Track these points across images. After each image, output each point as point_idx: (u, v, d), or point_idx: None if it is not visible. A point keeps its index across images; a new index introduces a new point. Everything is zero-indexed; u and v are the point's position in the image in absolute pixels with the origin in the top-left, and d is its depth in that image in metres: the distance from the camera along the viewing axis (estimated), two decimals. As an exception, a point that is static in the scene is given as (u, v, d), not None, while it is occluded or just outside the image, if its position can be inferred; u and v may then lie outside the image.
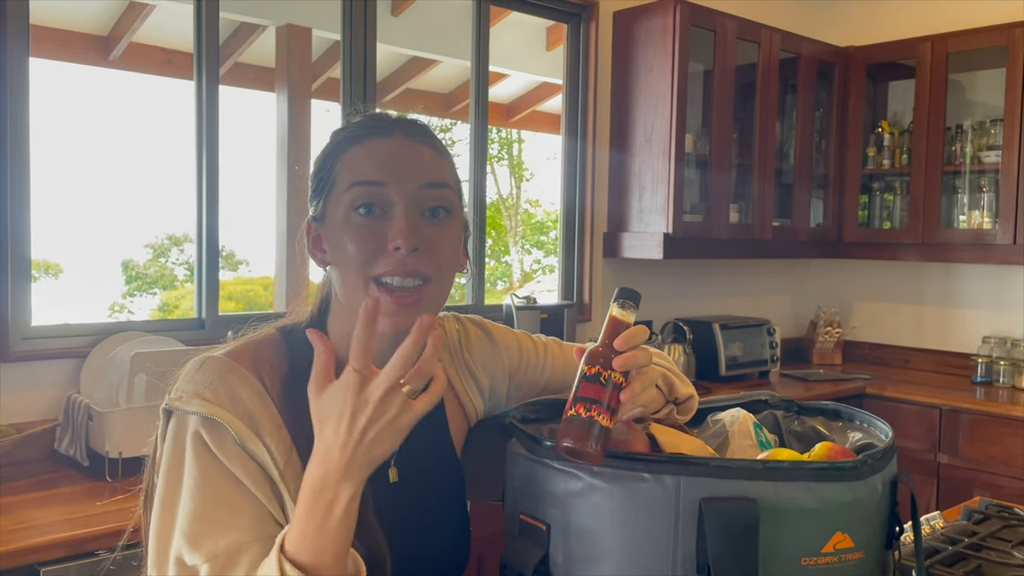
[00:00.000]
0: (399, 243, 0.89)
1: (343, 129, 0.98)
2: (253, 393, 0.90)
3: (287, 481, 0.88)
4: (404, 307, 0.90)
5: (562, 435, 0.86)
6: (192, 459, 0.86)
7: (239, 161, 2.71)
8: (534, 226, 7.27)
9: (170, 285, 5.97)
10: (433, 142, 0.97)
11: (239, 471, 0.86)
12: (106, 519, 1.63)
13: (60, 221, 4.09)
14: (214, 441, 0.87)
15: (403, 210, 0.90)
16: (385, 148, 0.93)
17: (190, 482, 0.86)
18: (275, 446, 0.89)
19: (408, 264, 0.89)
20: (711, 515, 0.82)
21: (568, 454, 0.86)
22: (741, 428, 1.07)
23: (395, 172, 0.92)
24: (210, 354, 0.93)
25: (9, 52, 1.98)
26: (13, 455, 1.90)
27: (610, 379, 0.87)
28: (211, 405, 0.87)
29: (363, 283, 0.90)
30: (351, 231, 0.91)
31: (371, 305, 0.80)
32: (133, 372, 1.88)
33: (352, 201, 0.91)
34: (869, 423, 1.10)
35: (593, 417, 0.85)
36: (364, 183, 0.91)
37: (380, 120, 0.97)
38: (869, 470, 0.89)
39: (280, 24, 3.55)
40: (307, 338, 0.95)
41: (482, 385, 1.12)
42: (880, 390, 3.36)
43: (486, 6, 2.95)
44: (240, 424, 0.87)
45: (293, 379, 0.93)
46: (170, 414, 0.90)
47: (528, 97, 5.13)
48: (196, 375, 0.90)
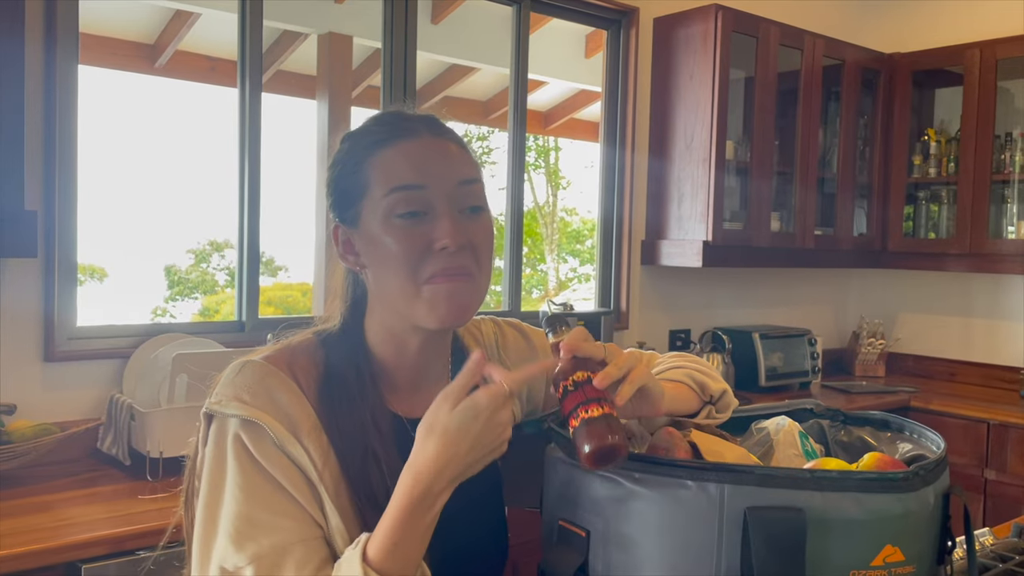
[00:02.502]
0: (446, 242, 0.90)
1: (364, 133, 0.97)
2: (291, 396, 0.90)
3: (325, 483, 0.88)
4: (458, 288, 0.92)
5: (578, 450, 0.84)
6: (233, 462, 0.87)
7: (279, 168, 2.73)
8: (570, 234, 7.25)
9: (211, 290, 6.05)
10: (455, 136, 0.98)
11: (279, 473, 0.87)
12: (146, 518, 1.64)
13: (105, 226, 4.16)
14: (254, 443, 0.87)
15: (446, 210, 0.92)
16: (417, 149, 0.94)
17: (232, 485, 0.86)
18: (313, 448, 0.89)
19: (455, 260, 0.91)
20: (757, 524, 0.80)
21: (596, 463, 0.83)
22: (786, 437, 1.04)
23: (433, 173, 0.92)
24: (249, 358, 0.94)
25: (59, 60, 2.02)
26: (57, 453, 1.93)
27: (576, 381, 0.87)
28: (250, 408, 0.88)
29: (414, 287, 0.92)
30: (394, 234, 0.91)
31: (479, 358, 0.86)
32: (175, 373, 1.90)
33: (392, 206, 0.91)
34: (919, 434, 1.06)
35: (585, 417, 0.84)
36: (404, 187, 0.91)
37: (403, 120, 0.97)
38: (920, 482, 0.86)
39: (322, 32, 3.59)
40: (341, 342, 0.97)
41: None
42: (925, 403, 3.28)
43: (526, 13, 2.95)
44: (279, 426, 0.88)
45: (329, 383, 0.94)
46: (211, 418, 0.91)
47: (566, 105, 5.12)
48: (235, 379, 0.91)
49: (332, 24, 3.54)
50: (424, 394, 1.01)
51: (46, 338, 2.01)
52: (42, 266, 2.01)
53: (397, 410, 0.99)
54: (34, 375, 2.01)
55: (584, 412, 0.84)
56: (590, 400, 0.85)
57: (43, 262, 2.01)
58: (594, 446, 0.82)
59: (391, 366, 0.99)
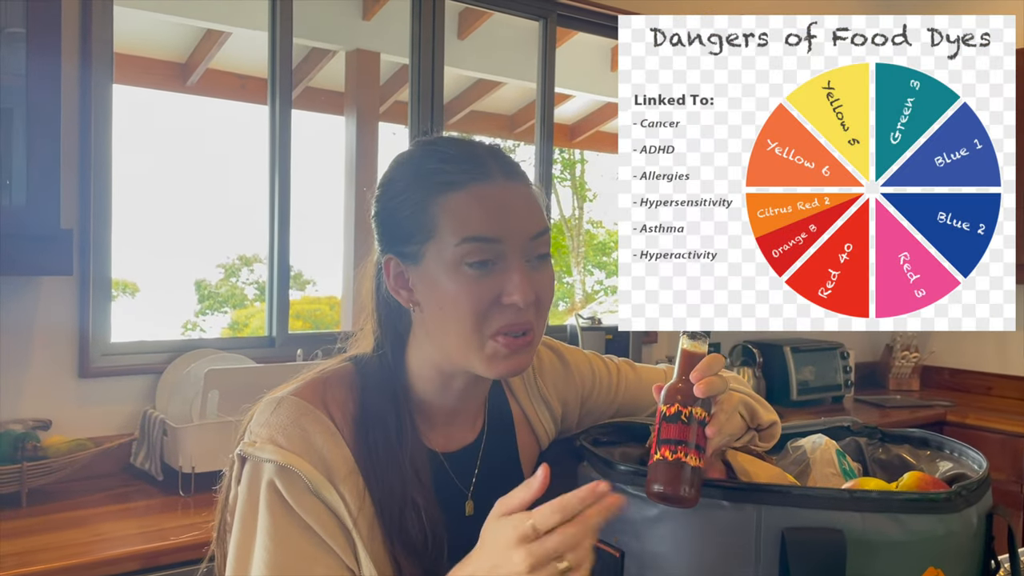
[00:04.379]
0: (516, 299, 0.87)
1: (429, 169, 0.91)
2: (327, 436, 0.88)
3: (360, 528, 0.87)
4: (520, 349, 0.89)
5: (651, 481, 0.81)
6: (266, 510, 0.85)
7: (308, 182, 2.76)
8: (596, 246, 7.24)
9: (240, 304, 6.12)
10: (527, 179, 0.95)
11: (313, 521, 0.85)
12: (178, 532, 1.65)
13: (138, 241, 4.23)
14: (288, 489, 0.85)
15: (519, 265, 0.89)
16: (493, 197, 0.89)
17: (264, 534, 0.85)
18: (349, 493, 0.87)
19: (522, 317, 0.89)
20: (795, 546, 0.79)
21: (660, 500, 0.82)
22: (823, 455, 1.03)
23: (509, 227, 0.89)
24: (284, 393, 0.91)
25: (95, 79, 2.05)
26: (91, 468, 1.95)
27: (692, 416, 0.83)
28: (286, 452, 0.86)
29: (478, 339, 0.89)
30: (462, 283, 0.88)
31: (601, 489, 0.73)
32: (207, 388, 1.92)
33: (463, 256, 0.88)
34: (960, 452, 1.04)
35: (681, 459, 0.81)
36: (479, 239, 0.88)
37: (475, 159, 0.91)
38: (963, 502, 0.84)
39: (349, 49, 3.63)
40: (380, 373, 0.95)
41: (554, 411, 1.10)
42: (962, 418, 3.22)
43: (552, 28, 2.96)
44: (315, 472, 0.86)
45: (364, 420, 0.92)
46: (244, 459, 0.89)
47: (592, 118, 5.13)
48: (270, 418, 0.89)
49: (360, 41, 3.57)
50: (459, 428, 1.00)
51: (81, 354, 2.04)
52: (77, 283, 2.04)
53: (433, 444, 0.97)
54: (69, 391, 2.04)
55: (683, 454, 0.81)
56: (694, 445, 0.82)
57: (78, 280, 2.03)
58: (670, 492, 0.81)
59: (430, 402, 0.97)
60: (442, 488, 0.95)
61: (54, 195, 1.77)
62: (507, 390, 1.07)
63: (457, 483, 0.98)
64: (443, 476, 0.97)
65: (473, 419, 1.02)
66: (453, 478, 0.98)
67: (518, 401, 1.07)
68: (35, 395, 1.99)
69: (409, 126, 2.72)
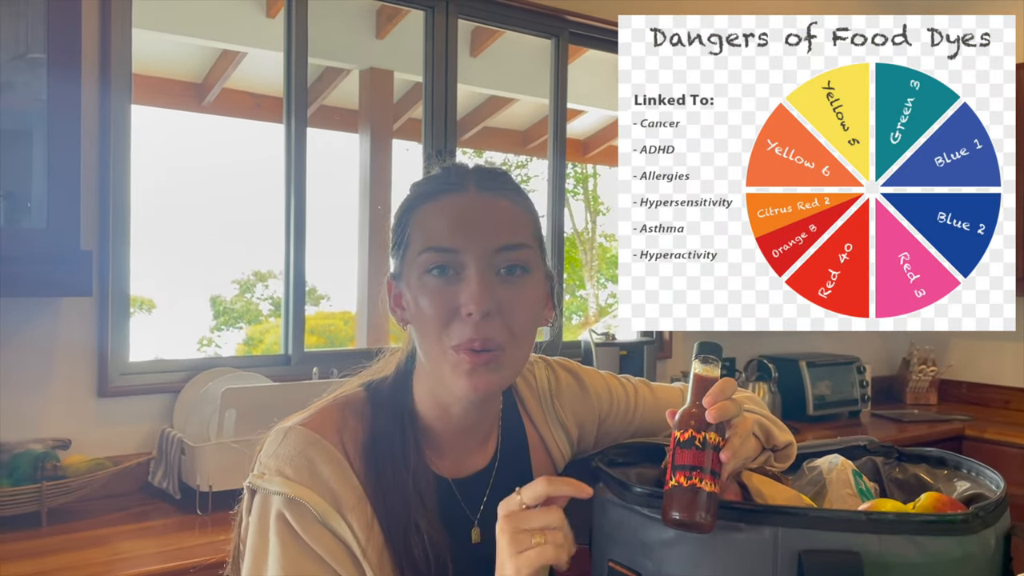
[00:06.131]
0: (471, 308, 0.85)
1: (420, 183, 0.94)
2: (334, 467, 0.88)
3: (369, 557, 0.87)
4: (480, 366, 0.87)
5: (667, 507, 0.81)
6: (276, 541, 0.86)
7: (322, 199, 2.78)
8: (609, 260, 7.24)
9: (255, 319, 6.15)
10: (510, 192, 0.93)
11: (322, 549, 0.86)
12: (196, 552, 1.66)
13: (155, 259, 4.27)
14: (297, 521, 0.86)
15: (475, 272, 0.86)
16: (458, 207, 0.89)
17: (274, 564, 0.86)
18: (357, 523, 0.87)
19: (481, 331, 0.86)
20: (813, 568, 0.79)
21: (676, 526, 0.82)
22: (839, 476, 1.02)
23: (469, 236, 0.87)
24: (291, 423, 0.92)
25: (114, 100, 2.08)
26: (109, 487, 1.97)
27: (706, 441, 0.83)
28: (293, 484, 0.86)
29: (440, 350, 0.88)
30: (425, 293, 0.88)
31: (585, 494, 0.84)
32: (224, 407, 1.93)
33: (425, 264, 0.88)
34: (977, 472, 1.04)
35: (696, 485, 0.81)
36: (437, 249, 0.88)
37: (455, 172, 0.92)
38: (981, 524, 0.84)
39: (363, 67, 3.66)
40: (391, 398, 0.96)
41: (570, 433, 1.09)
42: (980, 432, 3.19)
43: (565, 45, 2.98)
44: (322, 503, 0.86)
45: (374, 448, 0.92)
46: (254, 491, 0.90)
47: (604, 133, 5.14)
48: (278, 449, 0.89)
49: (373, 59, 3.61)
50: (469, 453, 0.99)
51: (99, 374, 2.06)
52: (96, 304, 2.06)
53: (441, 471, 0.96)
54: (88, 410, 2.06)
55: (698, 480, 0.81)
56: (709, 470, 0.82)
57: (97, 300, 2.06)
58: (686, 518, 0.81)
59: (435, 427, 0.96)
60: (449, 514, 0.95)
61: (74, 218, 1.79)
62: (523, 412, 1.07)
63: (465, 509, 0.98)
64: (451, 502, 0.96)
65: (484, 444, 1.01)
66: (461, 504, 0.97)
67: (534, 424, 1.07)
68: (55, 415, 2.01)
69: (423, 143, 2.74)
